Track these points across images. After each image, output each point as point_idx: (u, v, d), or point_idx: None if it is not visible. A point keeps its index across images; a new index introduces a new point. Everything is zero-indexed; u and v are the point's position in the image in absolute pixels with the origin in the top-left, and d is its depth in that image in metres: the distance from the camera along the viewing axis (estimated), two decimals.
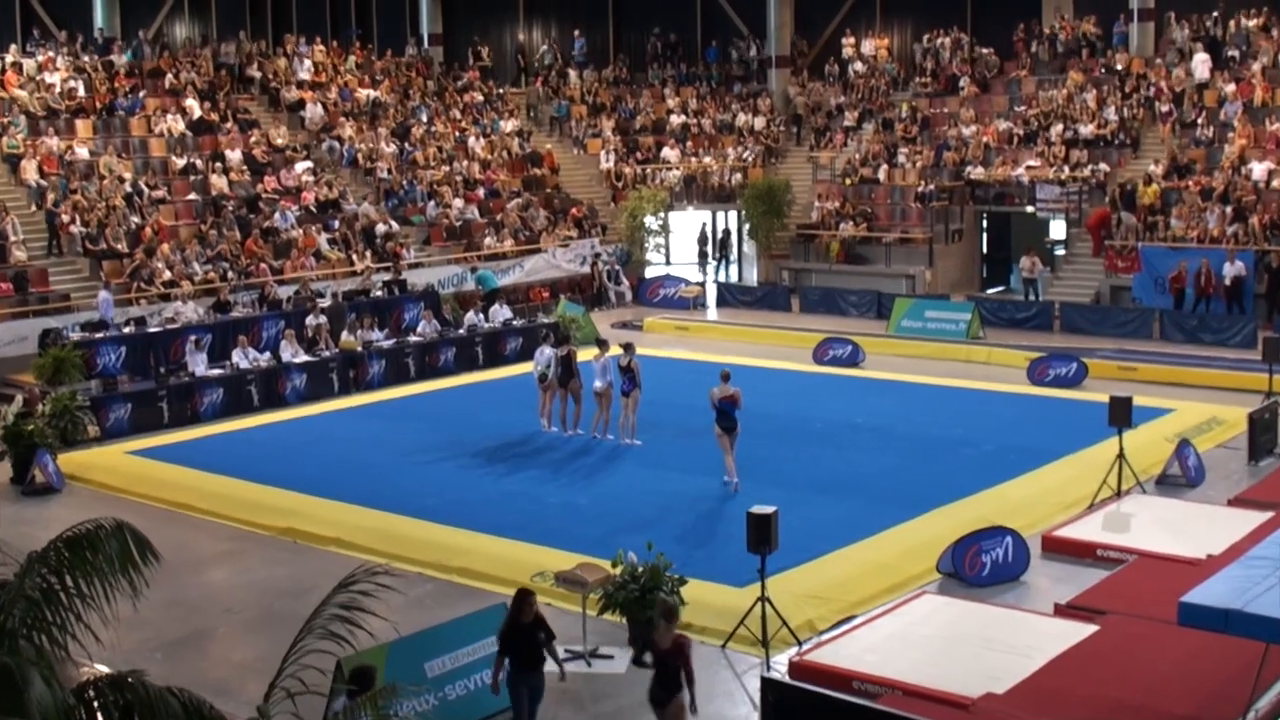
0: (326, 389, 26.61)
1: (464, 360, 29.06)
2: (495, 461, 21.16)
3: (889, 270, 37.23)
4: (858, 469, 20.10)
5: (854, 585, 15.14)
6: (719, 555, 15.95)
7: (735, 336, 32.48)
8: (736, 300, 37.59)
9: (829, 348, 29.03)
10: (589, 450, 21.73)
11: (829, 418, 23.51)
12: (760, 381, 26.84)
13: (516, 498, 19.03)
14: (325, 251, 32.74)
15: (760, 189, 39.76)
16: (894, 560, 15.93)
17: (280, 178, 35.20)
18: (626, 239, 40.07)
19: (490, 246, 36.05)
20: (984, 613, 14.10)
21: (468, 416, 24.58)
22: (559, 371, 22.52)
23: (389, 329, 29.54)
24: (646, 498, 18.90)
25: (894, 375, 27.33)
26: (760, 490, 18.00)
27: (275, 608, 15.34)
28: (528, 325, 30.48)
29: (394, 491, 19.33)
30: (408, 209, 36.51)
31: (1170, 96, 37.15)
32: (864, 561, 15.83)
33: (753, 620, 13.62)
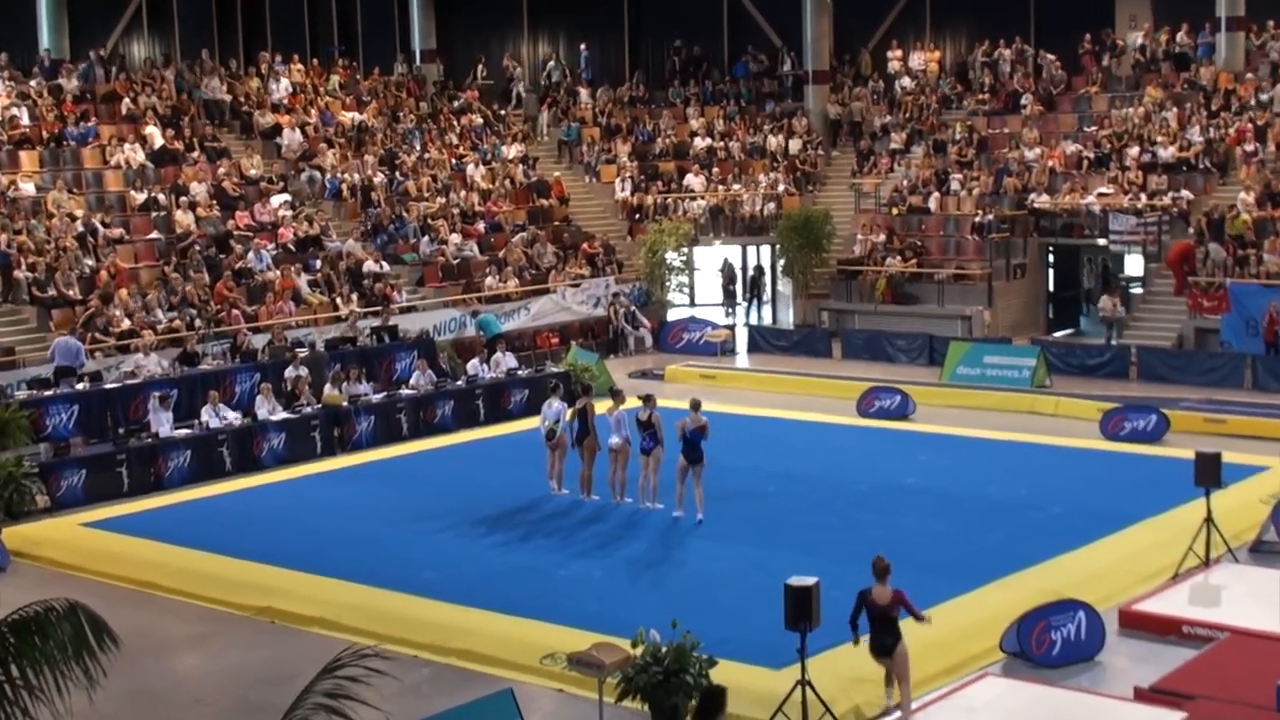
0: (308, 450, 26.71)
1: (463, 415, 29.17)
2: (499, 530, 21.21)
3: (942, 311, 37.34)
4: (909, 535, 20.06)
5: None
6: (753, 633, 15.95)
7: (768, 386, 32.57)
8: (770, 345, 37.65)
9: (875, 398, 29.07)
10: (604, 516, 21.77)
11: (875, 478, 23.51)
12: (798, 437, 26.88)
13: (523, 570, 19.08)
14: (305, 295, 32.92)
15: (796, 220, 39.93)
16: (951, 638, 15.92)
17: (254, 213, 35.45)
18: (645, 277, 40.24)
19: (492, 287, 36.23)
20: (1054, 697, 14.09)
21: (468, 479, 24.64)
22: (575, 427, 22.57)
23: (378, 381, 29.64)
24: (670, 569, 18.94)
25: (949, 429, 27.37)
26: (799, 560, 18.01)
27: (251, 697, 15.35)
28: (535, 375, 30.59)
29: (385, 565, 19.38)
30: (398, 246, 36.75)
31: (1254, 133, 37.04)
32: (918, 640, 15.73)
33: (792, 707, 13.63)
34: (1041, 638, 15.40)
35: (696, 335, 37.87)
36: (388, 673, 9.13)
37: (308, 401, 27.48)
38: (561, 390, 23.86)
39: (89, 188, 34.39)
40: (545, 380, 28.37)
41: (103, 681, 8.15)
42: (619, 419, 22.01)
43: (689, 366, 34.69)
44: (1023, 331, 36.91)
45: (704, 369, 34.42)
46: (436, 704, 14.10)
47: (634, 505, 21.98)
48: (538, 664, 15.50)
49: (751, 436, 27.18)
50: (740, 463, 24.60)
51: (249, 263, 33.09)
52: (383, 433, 27.83)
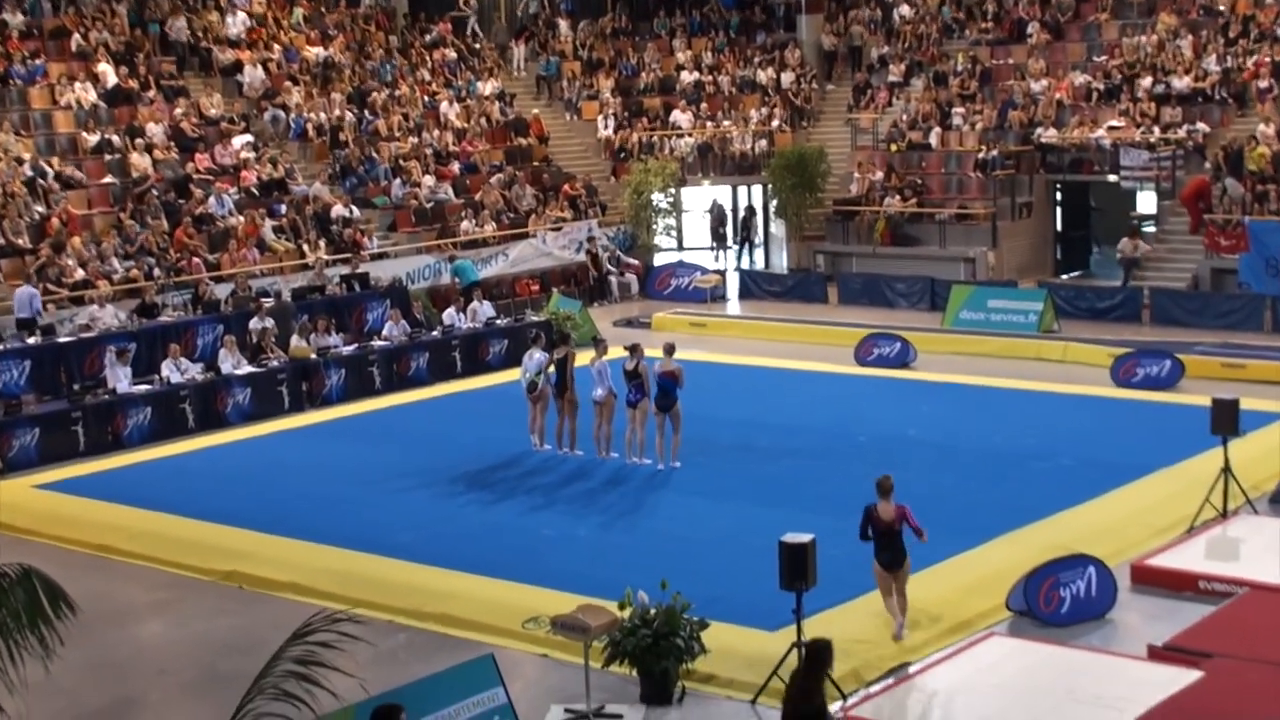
0: (275, 405, 26.70)
1: (439, 368, 29.17)
2: (478, 488, 21.23)
3: (944, 253, 37.35)
4: (910, 489, 19.80)
5: (908, 627, 15.20)
6: (746, 593, 15.98)
7: (761, 334, 32.58)
8: (762, 291, 37.64)
9: (874, 346, 29.08)
10: (589, 472, 21.79)
11: (874, 429, 23.54)
12: (792, 387, 26.89)
13: (504, 530, 19.10)
14: (270, 242, 32.83)
15: (789, 158, 39.83)
16: (955, 596, 15.97)
17: (214, 155, 35.26)
18: (630, 220, 40.17)
19: (468, 232, 36.14)
20: (1064, 658, 14.13)
21: (444, 435, 24.65)
22: (554, 379, 22.58)
23: (349, 332, 29.62)
24: (659, 527, 18.96)
25: (952, 377, 27.39)
26: (795, 516, 18.01)
27: (218, 667, 15.37)
28: (514, 325, 30.59)
29: (358, 526, 19.40)
30: (369, 189, 36.62)
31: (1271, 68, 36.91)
32: (919, 598, 15.82)
33: (788, 670, 13.63)
34: (1050, 595, 15.44)
35: (685, 281, 37.83)
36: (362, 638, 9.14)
37: (274, 355, 27.42)
38: (543, 340, 23.80)
39: (38, 129, 34.14)
40: (525, 330, 28.36)
41: (60, 651, 8.11)
42: (602, 370, 22.01)
43: (677, 314, 34.65)
44: (1029, 274, 36.91)
45: (693, 316, 34.38)
46: (414, 670, 14.12)
47: (620, 460, 22.00)
48: (520, 628, 15.52)
49: (743, 387, 27.18)
50: (732, 415, 24.62)
51: (210, 208, 32.92)
52: (354, 387, 27.80)
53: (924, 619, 15.37)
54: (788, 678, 11.59)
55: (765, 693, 13.72)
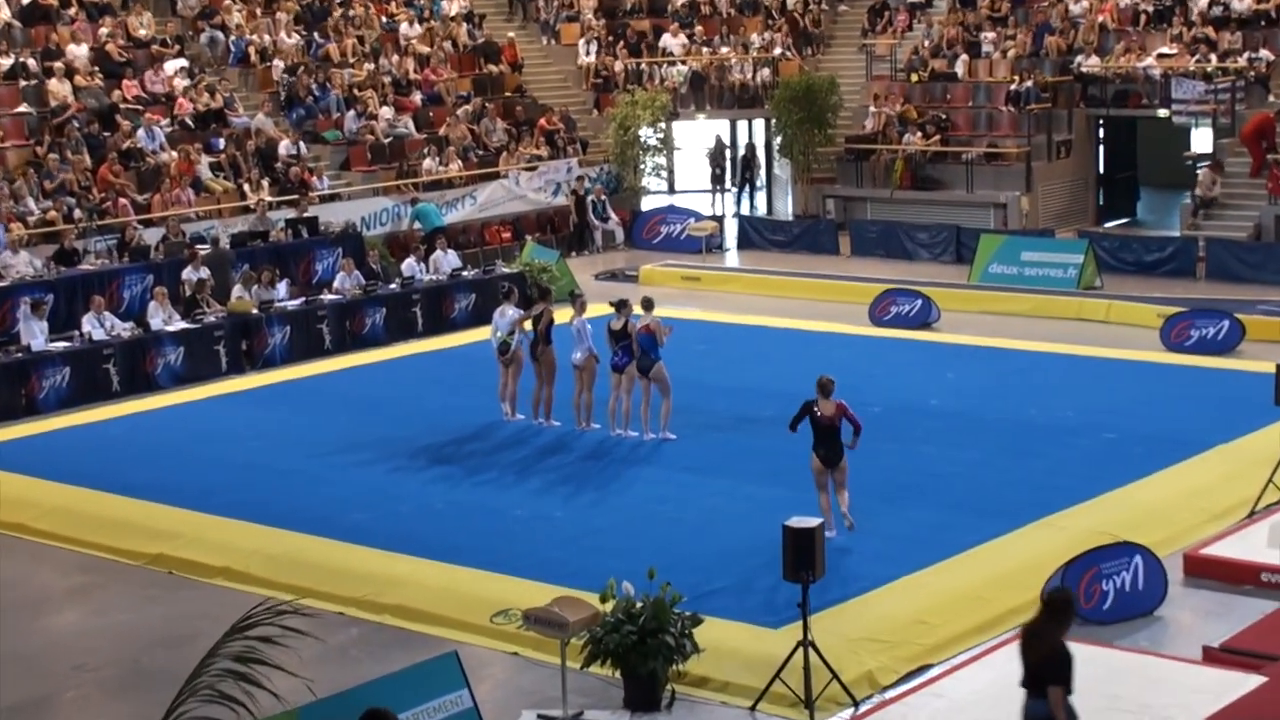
0: (211, 367, 26.64)
1: (397, 325, 29.12)
2: (441, 462, 21.17)
3: (971, 197, 37.27)
4: (932, 467, 20.09)
5: (930, 624, 15.13)
6: (745, 585, 15.90)
7: (763, 289, 32.51)
8: (765, 240, 37.57)
9: (891, 303, 29.02)
10: (567, 445, 21.74)
11: (892, 398, 23.45)
12: (798, 350, 26.82)
13: (471, 510, 19.04)
14: (207, 181, 32.67)
15: (796, 89, 39.68)
16: (983, 589, 15.91)
17: (144, 82, 35.07)
18: (615, 159, 40.05)
19: (431, 171, 36.01)
20: (1107, 659, 14.06)
21: (404, 402, 24.59)
22: (529, 339, 22.49)
23: (295, 284, 29.52)
24: (647, 508, 18.89)
25: (979, 339, 27.36)
26: (801, 497, 17.79)
27: (144, 662, 15.29)
28: (483, 277, 30.50)
29: (305, 504, 19.33)
30: (318, 122, 36.48)
31: None
32: (943, 592, 15.78)
33: (792, 673, 13.57)
34: (1091, 588, 15.36)
35: (677, 228, 37.76)
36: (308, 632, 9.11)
37: (210, 309, 27.31)
38: (516, 296, 23.67)
39: None
40: (495, 283, 28.21)
41: None
42: (582, 329, 21.91)
43: (668, 266, 34.55)
44: (1068, 222, 36.88)
45: (686, 269, 34.29)
46: (368, 670, 14.08)
47: (603, 431, 21.93)
48: (488, 623, 15.46)
49: (743, 350, 27.11)
50: (730, 382, 24.55)
51: (138, 142, 32.76)
52: (301, 346, 27.75)
53: (947, 615, 15.29)
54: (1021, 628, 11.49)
55: (767, 698, 13.64)
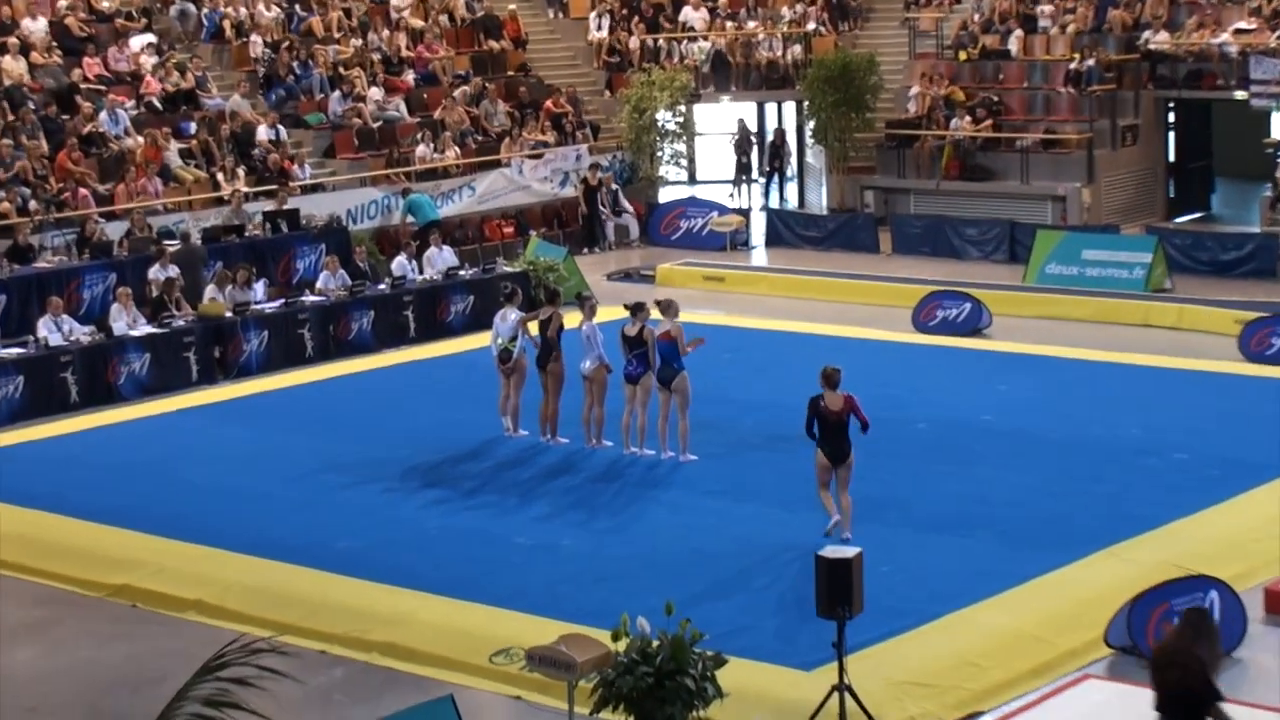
0: (180, 376, 26.67)
1: (387, 330, 29.14)
2: (436, 484, 21.18)
3: (1026, 189, 37.28)
4: (983, 491, 20.07)
5: (980, 666, 15.09)
6: (775, 622, 15.89)
7: (794, 290, 32.49)
8: (796, 236, 37.55)
9: (937, 307, 28.99)
10: (575, 465, 21.74)
11: (938, 413, 23.45)
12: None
13: (468, 538, 19.03)
14: (177, 169, 32.69)
15: (831, 68, 39.65)
16: (1040, 629, 15.87)
17: (108, 59, 35.14)
18: (629, 146, 40.06)
19: (425, 159, 36.01)
20: None
21: (394, 416, 24.58)
22: (534, 346, 22.44)
23: (274, 285, 29.55)
24: (664, 535, 18.87)
25: (1035, 348, 27.36)
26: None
27: (104, 706, 15.28)
28: (482, 276, 30.52)
29: (284, 530, 19.34)
30: (300, 104, 36.55)
31: None
32: (995, 631, 15.75)
33: (827, 718, 13.56)
34: (1161, 626, 15.29)
35: (698, 223, 37.76)
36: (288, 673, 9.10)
37: (180, 312, 27.31)
38: (519, 297, 23.68)
39: None
40: (496, 283, 28.22)
41: None
42: (593, 335, 21.86)
43: (688, 265, 34.55)
44: (1134, 216, 36.81)
45: (708, 268, 34.29)
46: (353, 715, 14.14)
47: (616, 450, 21.92)
48: (487, 663, 15.45)
49: (772, 359, 27.07)
50: (757, 395, 24.51)
51: (101, 126, 32.80)
52: (280, 354, 27.77)
53: (1000, 657, 15.26)
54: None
55: None
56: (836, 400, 17.83)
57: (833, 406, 17.83)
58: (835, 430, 17.89)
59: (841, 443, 17.92)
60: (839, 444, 17.91)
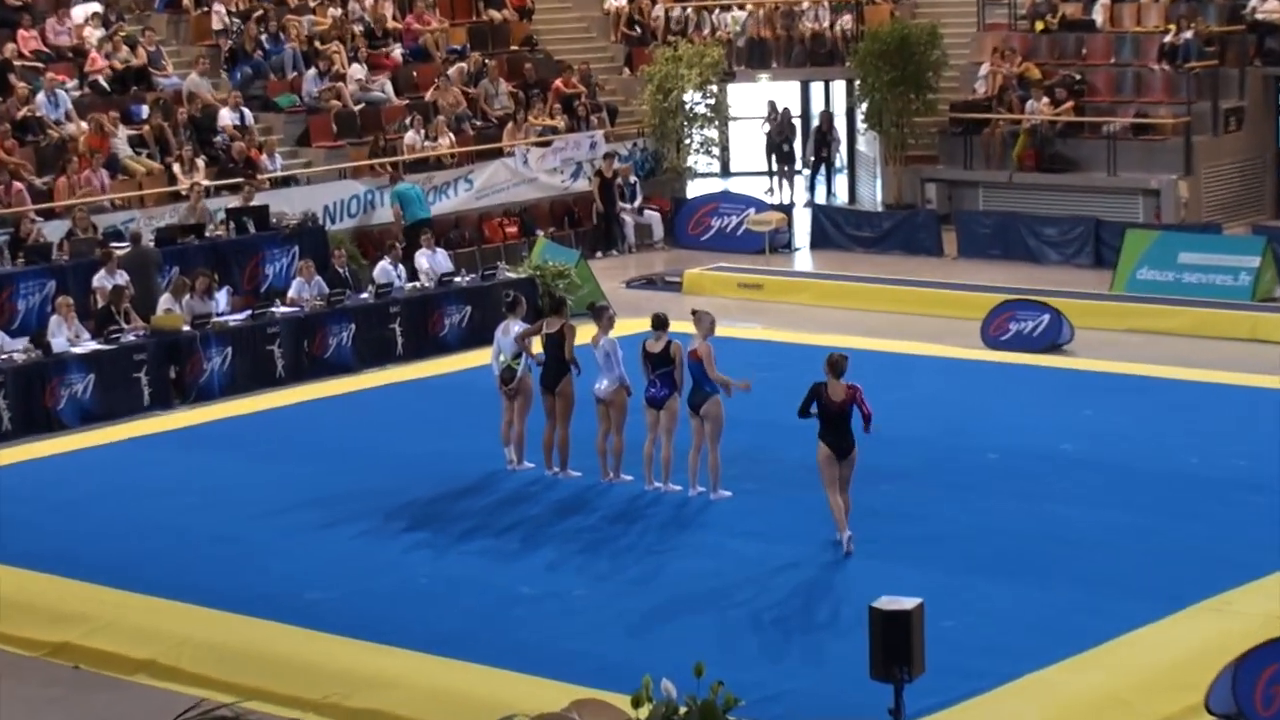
0: (130, 399, 26.71)
1: (370, 346, 29.18)
2: (426, 524, 21.17)
3: (1114, 182, 37.29)
4: (1064, 532, 20.00)
5: None
6: (822, 686, 15.85)
7: (844, 300, 32.51)
8: (846, 237, 37.55)
9: (1010, 318, 28.95)
10: (589, 503, 21.76)
11: (1012, 441, 23.43)
12: (890, 379, 26.75)
13: (464, 587, 19.01)
14: (126, 160, 32.77)
15: (887, 42, 39.67)
16: (1130, 692, 15.81)
17: (46, 33, 35.22)
18: (653, 132, 40.07)
19: (415, 148, 36.05)
20: None
21: (377, 446, 24.61)
22: (540, 365, 22.41)
23: (239, 293, 29.59)
24: (692, 584, 18.85)
25: (1124, 366, 27.34)
26: (893, 570, 18.00)
27: None
28: (481, 284, 30.54)
29: (251, 579, 19.30)
30: (269, 84, 36.65)
31: None
32: (1077, 694, 15.70)
33: None
34: (1271, 690, 15.26)
35: (732, 222, 37.78)
36: None
37: (130, 325, 27.34)
38: (523, 308, 23.66)
39: None
40: (498, 292, 28.26)
41: None
42: (611, 352, 21.82)
43: (720, 270, 34.58)
44: (1239, 214, 36.75)
45: (744, 274, 34.30)
46: None
47: (636, 485, 21.96)
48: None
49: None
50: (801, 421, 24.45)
51: (38, 109, 32.90)
52: (246, 373, 27.81)
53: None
54: None
55: None
56: (840, 390, 18.89)
57: (835, 396, 18.90)
58: (837, 422, 18.97)
59: (844, 436, 18.99)
60: (841, 436, 19.00)
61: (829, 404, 18.91)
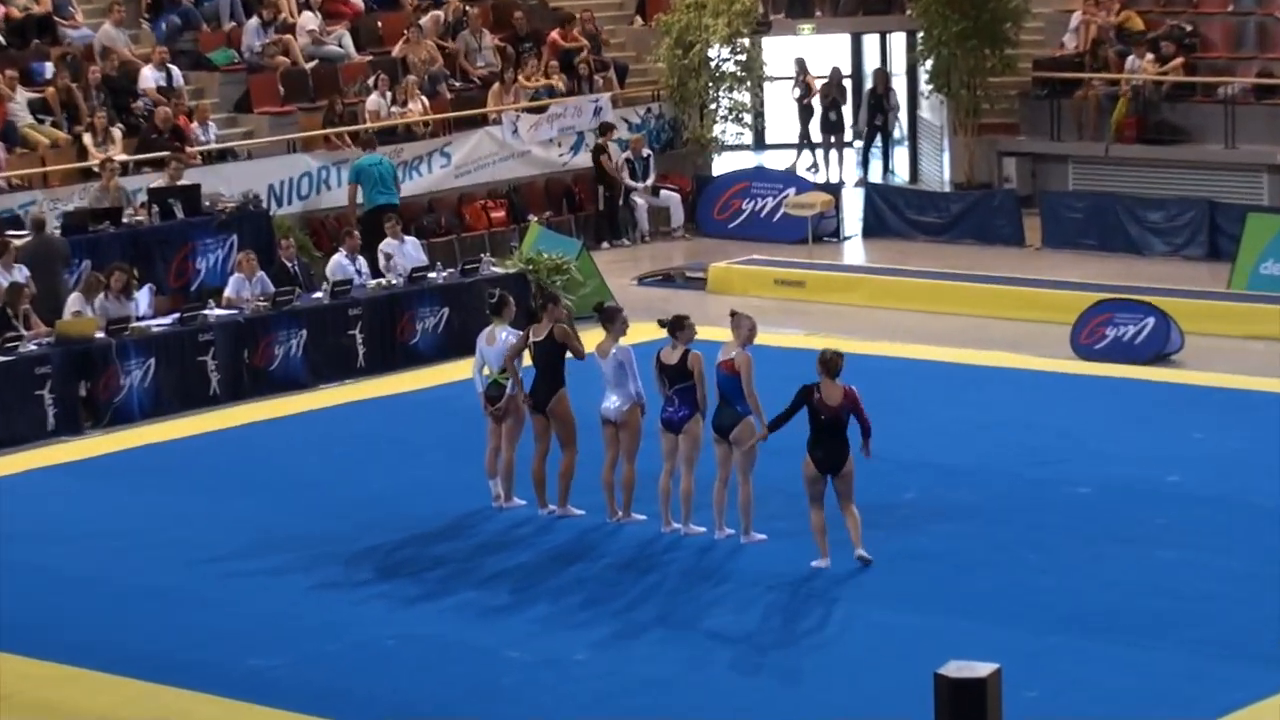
0: (30, 421, 26.78)
1: (325, 357, 29.33)
2: (394, 574, 21.20)
3: (1233, 156, 37.41)
4: (1172, 582, 20.02)
5: None
6: None
7: (904, 299, 32.72)
8: (906, 223, 37.66)
9: (1106, 322, 29.02)
10: (593, 547, 21.82)
11: (1108, 471, 23.47)
12: (959, 396, 26.83)
13: (441, 650, 19.03)
14: (26, 129, 32.91)
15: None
16: None
17: None
18: (671, 95, 40.10)
19: (379, 115, 36.13)
20: None
21: (334, 478, 24.72)
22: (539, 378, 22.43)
23: (165, 292, 29.67)
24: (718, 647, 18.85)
25: (1244, 380, 27.39)
26: (966, 627, 18.09)
27: None
28: (461, 280, 30.66)
29: (180, 641, 19.30)
30: (201, 36, 36.78)
31: None
32: None
33: None
34: None
35: (768, 204, 37.88)
36: None
37: (31, 330, 27.42)
38: (512, 310, 23.67)
39: None
40: (481, 289, 28.27)
41: None
42: (627, 363, 21.83)
43: (753, 264, 34.68)
44: None
45: (782, 268, 34.36)
46: None
47: (651, 526, 22.00)
48: None
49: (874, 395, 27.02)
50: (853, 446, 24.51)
51: None
52: (173, 390, 27.94)
53: None
54: None
55: None
56: (835, 393, 19.63)
57: (829, 400, 19.61)
58: (829, 430, 19.76)
59: (837, 446, 19.82)
60: (833, 447, 19.82)
61: (821, 409, 19.63)
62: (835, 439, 19.69)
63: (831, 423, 19.65)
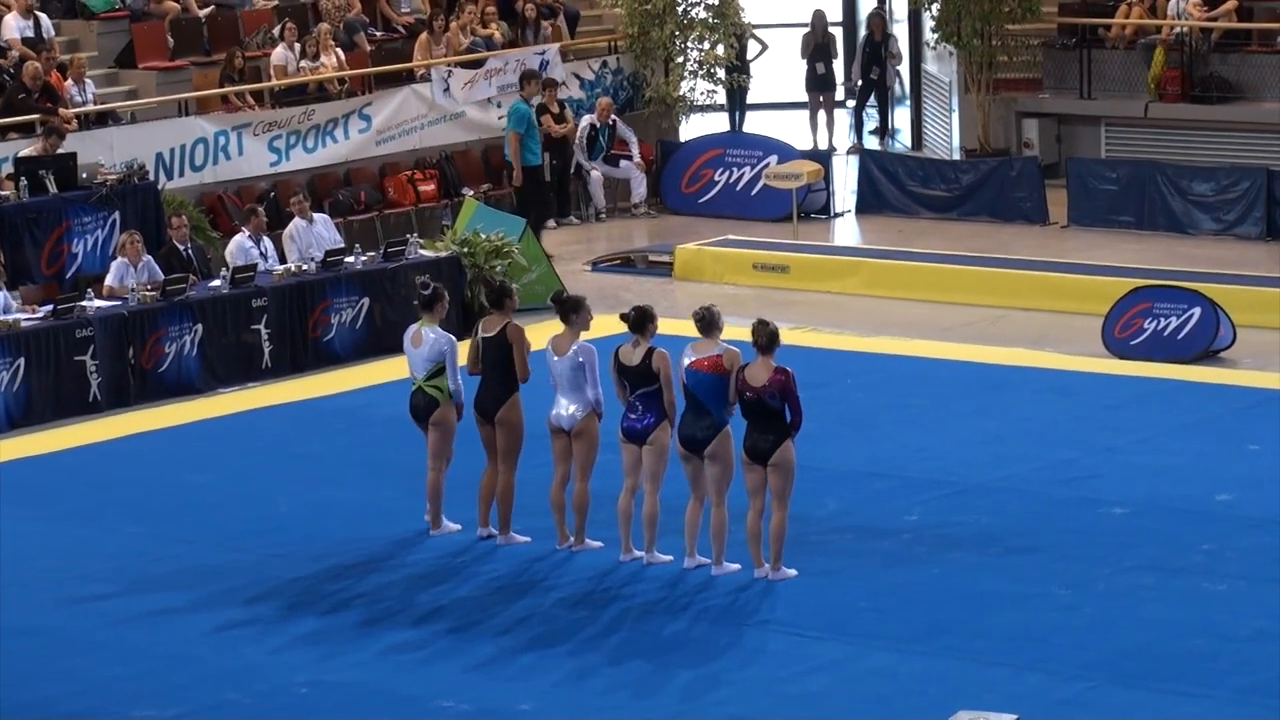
0: None
1: (224, 356, 29.46)
2: (307, 610, 21.26)
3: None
4: (1221, 620, 20.08)
5: None
6: None
7: (907, 287, 32.93)
8: (909, 197, 37.80)
9: (1145, 313, 29.15)
10: (542, 579, 21.92)
11: (1147, 489, 23.63)
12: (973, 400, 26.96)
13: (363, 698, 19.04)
14: None
15: None
16: None
17: None
18: (630, 46, 40.23)
19: (286, 70, 36.15)
20: None
21: (235, 499, 24.79)
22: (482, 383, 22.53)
23: (34, 281, 29.70)
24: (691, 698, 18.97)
25: None
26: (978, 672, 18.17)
27: None
28: (384, 265, 30.81)
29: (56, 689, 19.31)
30: None
31: None
32: None
33: None
34: None
35: (745, 175, 37.97)
36: None
37: None
38: (445, 304, 23.74)
39: None
40: (408, 279, 28.38)
41: None
42: (589, 360, 21.94)
43: (727, 245, 34.85)
44: None
45: (762, 250, 34.53)
46: None
47: (610, 555, 22.13)
48: None
49: (872, 400, 27.18)
50: (848, 459, 24.64)
51: None
52: (45, 395, 28.06)
53: None
54: None
55: None
56: (761, 372, 20.03)
57: (754, 380, 20.05)
58: (754, 413, 20.20)
59: (764, 432, 20.19)
60: (762, 434, 20.23)
61: (743, 389, 20.02)
62: (764, 423, 20.04)
63: (753, 405, 20.01)
